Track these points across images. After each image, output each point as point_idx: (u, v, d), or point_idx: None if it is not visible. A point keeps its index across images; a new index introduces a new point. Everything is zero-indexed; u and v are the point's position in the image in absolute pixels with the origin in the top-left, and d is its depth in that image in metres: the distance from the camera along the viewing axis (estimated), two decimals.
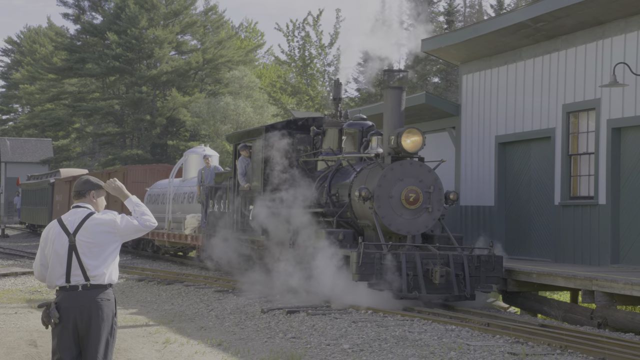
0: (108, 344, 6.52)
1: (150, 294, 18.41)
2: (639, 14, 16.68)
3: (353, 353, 10.89)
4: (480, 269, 14.86)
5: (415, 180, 15.33)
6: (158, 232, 26.66)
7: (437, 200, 15.46)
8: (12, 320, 14.48)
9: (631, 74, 16.60)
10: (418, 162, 15.59)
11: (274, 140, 18.16)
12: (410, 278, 14.32)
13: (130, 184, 30.34)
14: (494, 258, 15.08)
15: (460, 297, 14.60)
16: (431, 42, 23.07)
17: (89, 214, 6.57)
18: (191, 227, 24.23)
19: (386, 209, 15.13)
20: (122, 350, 11.12)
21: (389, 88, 15.91)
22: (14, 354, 11.16)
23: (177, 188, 26.83)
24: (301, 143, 18.75)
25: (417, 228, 15.42)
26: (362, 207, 15.40)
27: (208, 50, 62.54)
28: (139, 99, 60.72)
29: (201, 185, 23.36)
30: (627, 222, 17.11)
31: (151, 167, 33.28)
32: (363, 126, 17.36)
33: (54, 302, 6.48)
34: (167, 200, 27.02)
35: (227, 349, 11.42)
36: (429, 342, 11.51)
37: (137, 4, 61.34)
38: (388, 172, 15.20)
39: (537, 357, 10.54)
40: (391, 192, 15.16)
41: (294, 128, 18.74)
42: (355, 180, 15.91)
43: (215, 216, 21.70)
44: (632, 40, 16.88)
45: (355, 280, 14.42)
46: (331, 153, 17.48)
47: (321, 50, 48.57)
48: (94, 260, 6.46)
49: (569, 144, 18.56)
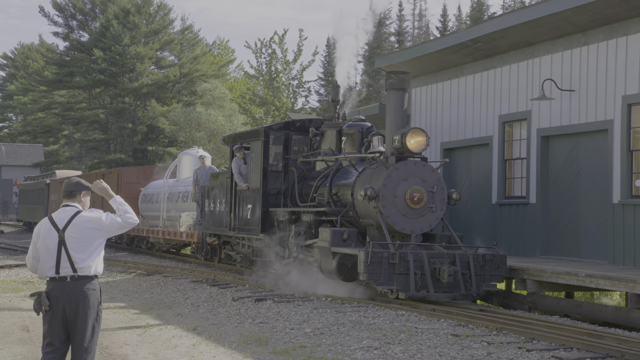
0: (94, 328, 6.49)
1: (132, 284, 18.30)
2: (562, 37, 16.91)
3: (314, 336, 10.91)
4: (485, 267, 13.63)
5: (419, 180, 14.12)
6: (153, 230, 25.96)
7: (440, 199, 14.26)
8: (6, 307, 14.34)
9: (557, 89, 16.84)
10: (422, 162, 14.36)
11: (272, 141, 17.35)
12: (418, 277, 13.00)
13: (124, 185, 29.53)
14: (498, 257, 13.87)
15: (467, 295, 13.48)
16: (384, 59, 23.20)
17: (76, 212, 6.54)
18: (186, 225, 23.39)
19: (391, 209, 13.91)
20: (106, 335, 11.05)
21: (392, 89, 14.42)
22: (8, 338, 11.05)
23: (171, 188, 25.87)
24: (299, 144, 17.63)
25: (420, 227, 14.21)
26: (366, 207, 14.20)
27: (184, 65, 62.59)
28: (122, 109, 60.55)
29: (196, 185, 22.37)
30: (554, 219, 17.31)
31: (143, 168, 32.01)
32: (362, 127, 16.18)
33: (44, 292, 6.45)
34: (161, 199, 26.08)
35: (202, 333, 11.39)
36: (382, 326, 11.56)
37: (120, 24, 61.40)
38: (393, 172, 13.98)
39: (476, 337, 10.63)
40: (396, 191, 13.94)
41: (292, 129, 17.65)
42: (358, 180, 14.74)
43: (211, 214, 20.69)
44: (558, 60, 17.11)
45: (364, 279, 13.19)
46: (330, 153, 16.38)
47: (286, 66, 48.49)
48: (81, 254, 6.42)
49: (504, 150, 18.73)
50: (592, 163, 16.44)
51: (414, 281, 12.91)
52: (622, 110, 15.49)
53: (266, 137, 17.32)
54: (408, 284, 12.94)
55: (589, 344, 9.87)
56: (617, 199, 15.50)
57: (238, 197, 18.55)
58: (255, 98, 48.83)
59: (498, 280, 13.94)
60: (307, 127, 17.56)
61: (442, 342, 10.41)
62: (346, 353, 9.72)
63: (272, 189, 17.28)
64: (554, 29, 16.74)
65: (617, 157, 15.54)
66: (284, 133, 17.45)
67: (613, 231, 15.57)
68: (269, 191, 17.25)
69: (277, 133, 17.42)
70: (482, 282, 13.58)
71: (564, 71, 16.89)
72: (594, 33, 16.19)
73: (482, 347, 10.09)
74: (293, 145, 17.51)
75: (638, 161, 15.36)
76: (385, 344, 10.21)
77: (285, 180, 17.40)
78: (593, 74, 16.21)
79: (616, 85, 15.65)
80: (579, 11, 15.71)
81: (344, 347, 10.06)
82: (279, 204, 17.21)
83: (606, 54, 15.92)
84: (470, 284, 13.36)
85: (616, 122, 15.60)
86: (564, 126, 16.92)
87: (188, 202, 24.07)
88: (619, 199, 15.43)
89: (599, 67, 16.07)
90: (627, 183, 15.36)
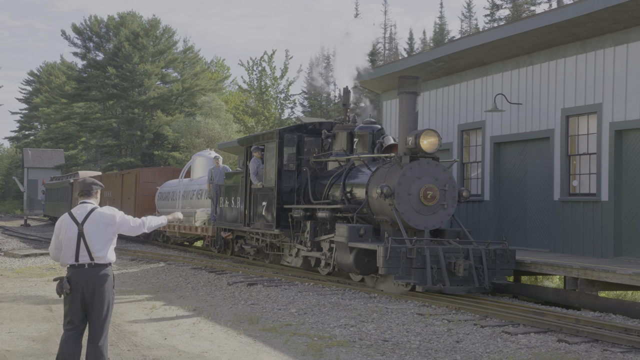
0: (108, 309, 6.50)
1: (140, 271, 18.22)
2: (511, 58, 17.00)
3: (299, 315, 10.90)
4: (496, 261, 12.57)
5: (432, 179, 13.06)
6: (169, 225, 24.66)
7: (451, 197, 13.22)
8: (33, 290, 14.25)
9: (507, 102, 16.94)
10: (434, 162, 13.23)
11: (286, 142, 16.29)
12: (434, 271, 11.98)
13: (142, 184, 28.64)
14: (508, 251, 12.73)
15: (480, 288, 12.45)
16: (360, 76, 23.17)
17: (93, 208, 6.56)
18: (201, 220, 22.43)
19: (406, 206, 12.85)
20: (118, 314, 11.02)
21: (404, 93, 13.26)
22: (35, 317, 10.99)
23: (186, 186, 24.94)
24: (310, 145, 16.52)
25: (433, 223, 13.09)
26: (381, 204, 13.16)
27: (186, 80, 62.59)
28: (132, 119, 60.46)
29: (211, 183, 21.14)
30: (505, 213, 17.41)
31: (159, 169, 30.74)
32: (373, 129, 15.10)
33: (65, 277, 6.47)
34: (177, 197, 25.11)
35: (201, 313, 11.36)
36: (357, 307, 11.59)
37: (131, 45, 61.46)
38: (407, 171, 12.91)
39: (438, 316, 10.67)
40: (410, 189, 12.87)
41: (305, 132, 16.57)
42: (372, 178, 13.65)
43: (225, 211, 19.55)
44: (507, 78, 17.21)
45: (383, 273, 12.08)
46: (342, 154, 15.42)
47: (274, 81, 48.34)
48: (97, 245, 6.43)
49: (462, 154, 18.80)
50: (536, 166, 16.55)
51: (430, 275, 11.93)
52: (561, 120, 15.61)
53: (281, 138, 16.37)
54: (425, 278, 11.93)
55: (533, 320, 9.95)
56: (557, 197, 15.62)
57: (253, 195, 17.58)
58: (247, 109, 48.77)
59: (508, 273, 12.93)
60: (318, 130, 16.68)
61: (409, 320, 10.45)
62: (326, 330, 9.73)
63: (285, 187, 16.28)
64: (504, 51, 16.84)
65: (557, 161, 15.66)
66: (297, 135, 16.47)
67: (554, 224, 15.69)
68: (283, 189, 16.27)
69: (290, 135, 16.43)
70: (493, 276, 12.65)
71: (512, 87, 17.00)
72: (538, 55, 16.30)
73: (443, 324, 10.13)
74: (305, 147, 16.55)
75: (574, 164, 15.48)
76: (360, 322, 10.24)
77: (298, 179, 16.41)
78: (537, 89, 16.32)
79: (556, 99, 15.77)
80: (524, 36, 15.81)
81: (325, 325, 10.07)
82: (292, 202, 16.23)
83: (548, 73, 16.03)
84: (483, 278, 12.41)
85: (556, 131, 15.72)
86: (513, 134, 17.02)
87: (202, 199, 23.30)
88: (559, 197, 15.55)
89: (542, 84, 16.18)
90: (566, 183, 15.48)
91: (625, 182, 14.34)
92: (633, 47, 14.04)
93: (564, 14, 14.65)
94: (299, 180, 16.37)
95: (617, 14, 13.75)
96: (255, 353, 8.41)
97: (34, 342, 9.09)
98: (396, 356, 8.20)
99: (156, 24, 65.29)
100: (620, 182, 14.38)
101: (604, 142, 14.57)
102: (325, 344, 8.78)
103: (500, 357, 8.14)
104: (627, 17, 13.73)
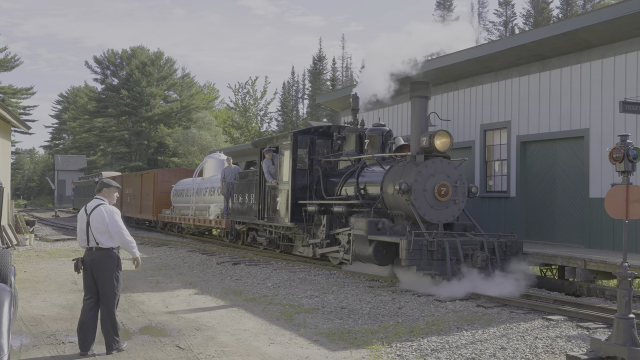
0: (113, 282, 6.38)
1: (146, 253, 17.92)
2: (441, 85, 17.05)
3: (274, 288, 10.80)
4: (507, 253, 10.80)
5: (445, 176, 11.39)
6: (184, 217, 23.08)
7: (462, 193, 11.49)
8: (62, 267, 13.92)
9: (439, 119, 16.95)
10: (446, 160, 11.54)
11: (300, 143, 14.64)
12: (454, 262, 10.27)
13: (159, 182, 26.84)
14: (517, 243, 10.97)
15: None
16: (323, 97, 23.14)
17: (99, 203, 6.46)
18: (214, 214, 21.04)
19: (422, 201, 11.22)
20: (129, 287, 10.79)
21: (416, 97, 11.64)
22: (63, 289, 10.75)
23: (199, 184, 23.36)
24: (321, 146, 14.79)
25: (446, 217, 11.38)
26: (396, 199, 11.53)
27: (183, 100, 62.51)
28: (140, 131, 60.21)
29: (224, 181, 19.15)
30: None
31: (174, 170, 28.36)
32: (383, 131, 13.52)
33: (80, 258, 6.47)
34: (191, 193, 23.56)
35: (195, 286, 11.19)
36: (320, 281, 11.54)
37: (140, 72, 61.28)
38: (423, 169, 11.30)
39: (385, 288, 10.66)
40: (425, 186, 11.26)
41: (316, 134, 14.81)
42: (387, 176, 12.00)
43: (239, 206, 17.67)
44: (439, 100, 17.26)
45: (405, 265, 10.22)
46: (354, 154, 13.86)
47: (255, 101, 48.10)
48: (97, 233, 6.36)
49: None
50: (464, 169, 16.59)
51: (450, 266, 10.23)
52: (480, 134, 15.70)
53: (294, 140, 14.64)
54: (445, 269, 10.23)
55: None
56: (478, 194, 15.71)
57: (267, 191, 15.76)
58: (233, 123, 48.52)
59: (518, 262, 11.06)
60: (328, 132, 14.96)
61: (361, 291, 10.41)
62: (295, 300, 9.64)
63: (299, 184, 14.59)
64: (435, 79, 16.88)
65: (478, 165, 15.76)
66: (309, 137, 14.75)
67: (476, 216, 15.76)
68: (296, 186, 14.59)
69: (303, 137, 14.72)
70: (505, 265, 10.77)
71: (442, 107, 17.05)
72: (462, 82, 16.38)
73: (388, 294, 10.11)
74: (316, 148, 14.79)
75: (491, 168, 15.60)
76: (322, 294, 10.16)
77: (310, 177, 14.68)
78: (462, 109, 16.41)
79: (476, 117, 15.86)
80: (452, 68, 15.90)
81: (294, 296, 9.98)
82: (305, 198, 14.48)
83: (470, 97, 16.12)
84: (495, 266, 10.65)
85: (477, 141, 15.81)
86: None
87: (214, 196, 21.81)
88: (478, 194, 15.64)
89: (465, 105, 16.27)
90: (484, 182, 15.59)
91: (528, 182, 14.50)
92: (533, 78, 14.23)
93: (482, 51, 14.76)
94: (311, 178, 14.76)
95: (521, 52, 13.93)
96: (239, 318, 8.28)
97: (63, 309, 8.96)
98: (351, 320, 8.14)
99: (160, 55, 64.96)
100: (525, 181, 14.54)
101: (512, 151, 14.71)
102: (294, 310, 8.68)
103: (433, 319, 8.12)
104: (528, 54, 13.93)
